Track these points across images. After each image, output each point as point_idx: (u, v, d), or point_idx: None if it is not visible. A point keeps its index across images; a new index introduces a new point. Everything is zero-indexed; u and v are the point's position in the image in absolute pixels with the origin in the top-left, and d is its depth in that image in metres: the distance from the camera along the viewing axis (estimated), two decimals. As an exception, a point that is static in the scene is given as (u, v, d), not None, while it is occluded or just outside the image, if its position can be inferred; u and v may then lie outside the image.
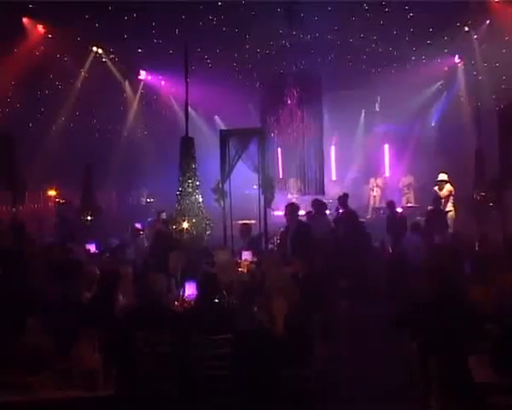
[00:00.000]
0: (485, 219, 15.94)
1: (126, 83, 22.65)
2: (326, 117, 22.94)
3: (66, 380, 6.24)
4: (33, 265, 10.48)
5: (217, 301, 8.78)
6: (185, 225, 12.39)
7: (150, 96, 23.84)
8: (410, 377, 7.03)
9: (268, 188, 15.16)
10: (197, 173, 13.30)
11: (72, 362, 6.32)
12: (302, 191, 22.50)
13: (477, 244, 12.31)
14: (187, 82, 13.94)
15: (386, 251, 14.98)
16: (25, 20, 16.62)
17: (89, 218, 17.84)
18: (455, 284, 7.63)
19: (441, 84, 23.43)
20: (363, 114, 25.57)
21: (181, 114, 19.73)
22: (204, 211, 13.19)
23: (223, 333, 7.81)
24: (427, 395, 6.52)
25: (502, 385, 5.73)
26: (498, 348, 6.01)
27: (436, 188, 18.24)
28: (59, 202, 21.58)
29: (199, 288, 8.90)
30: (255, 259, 12.68)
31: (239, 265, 12.35)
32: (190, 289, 9.75)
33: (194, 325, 8.10)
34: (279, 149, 23.35)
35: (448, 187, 18.26)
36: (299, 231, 12.90)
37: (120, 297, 9.00)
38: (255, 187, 16.43)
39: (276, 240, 14.91)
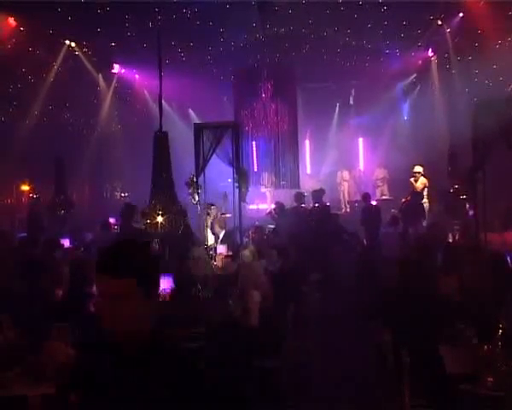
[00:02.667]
0: (459, 212, 16.08)
1: (100, 76, 22.50)
2: (300, 110, 23.00)
3: (38, 376, 6.19)
4: (4, 261, 10.40)
5: (192, 294, 8.77)
6: (159, 219, 12.33)
7: (124, 90, 23.72)
8: (382, 365, 7.07)
9: (242, 182, 15.16)
10: (171, 167, 13.24)
11: (45, 358, 6.28)
12: (276, 185, 22.56)
13: (451, 236, 12.43)
14: (161, 75, 13.86)
15: (360, 243, 15.04)
16: (-5, 12, 16.48)
17: (62, 212, 17.71)
18: (427, 274, 7.68)
19: (415, 78, 23.55)
20: (337, 107, 25.61)
21: (155, 108, 19.61)
22: (178, 205, 13.15)
23: (197, 326, 7.81)
24: (399, 383, 6.56)
25: (470, 375, 5.79)
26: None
27: (412, 179, 18.42)
28: (32, 196, 21.42)
29: (174, 282, 8.89)
30: (230, 252, 12.70)
31: (214, 258, 12.36)
32: (165, 283, 9.72)
33: (167, 318, 8.08)
34: (253, 143, 23.34)
35: (422, 180, 18.45)
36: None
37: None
38: (229, 181, 16.40)
39: (251, 234, 14.91)
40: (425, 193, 18.32)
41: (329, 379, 8.79)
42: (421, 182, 18.43)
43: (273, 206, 16.99)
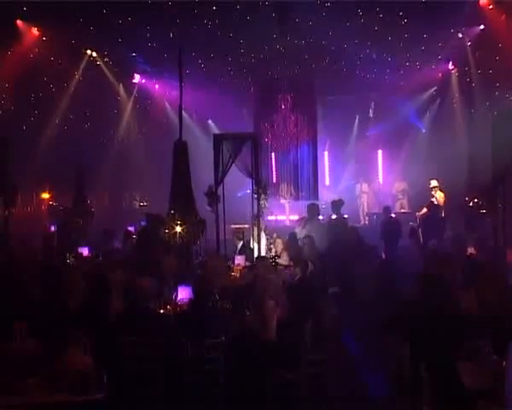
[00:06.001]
0: (478, 226, 15.98)
1: (120, 86, 22.64)
2: (320, 122, 23.01)
3: (56, 384, 6.22)
4: (23, 269, 10.46)
5: (209, 304, 8.78)
6: (178, 229, 12.35)
7: (144, 100, 23.84)
8: (401, 379, 7.04)
9: (261, 193, 15.15)
10: (190, 177, 13.25)
11: (63, 365, 6.31)
12: (294, 196, 22.59)
13: (469, 250, 12.35)
14: (181, 86, 13.91)
15: (379, 257, 14.98)
16: (19, 22, 16.62)
17: (81, 221, 17.76)
18: (446, 288, 7.63)
19: (435, 91, 23.47)
20: (356, 119, 25.55)
21: (175, 118, 19.72)
22: (197, 215, 13.16)
23: (215, 337, 7.82)
24: (418, 397, 6.52)
25: (488, 391, 5.74)
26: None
27: (433, 193, 18.34)
28: (52, 205, 21.50)
29: (193, 291, 8.92)
30: (248, 264, 12.70)
31: (232, 269, 12.37)
32: (183, 293, 9.74)
33: (185, 328, 8.10)
34: (272, 154, 23.38)
35: (440, 193, 18.36)
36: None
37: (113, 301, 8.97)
38: (248, 191, 16.42)
39: (269, 244, 14.90)
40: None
41: (347, 392, 8.76)
42: (439, 195, 18.34)
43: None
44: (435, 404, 6.29)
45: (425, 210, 17.81)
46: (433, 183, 18.71)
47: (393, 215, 18.61)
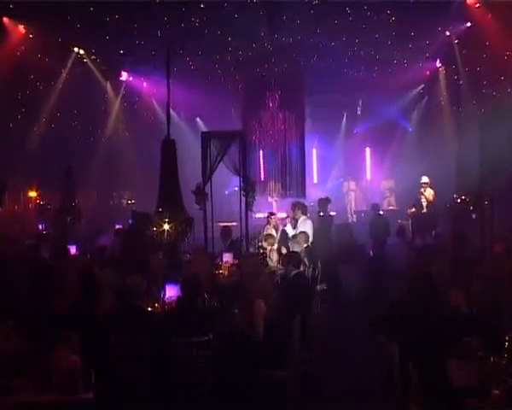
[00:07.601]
0: (465, 223, 16.04)
1: (108, 84, 22.54)
2: (308, 120, 23.02)
3: (43, 384, 6.19)
4: (12, 267, 10.40)
5: (198, 303, 8.76)
6: (166, 227, 12.34)
7: (132, 98, 23.76)
8: (389, 378, 7.05)
9: (249, 190, 15.16)
10: (178, 175, 13.25)
11: (50, 365, 6.28)
12: (282, 194, 22.60)
13: (457, 247, 12.39)
14: (169, 83, 13.90)
15: (366, 255, 15.02)
16: (5, 19, 16.52)
17: (69, 220, 17.69)
18: (434, 287, 7.66)
19: (422, 89, 23.54)
20: (344, 117, 25.60)
21: (162, 116, 19.68)
22: (185, 213, 13.14)
23: (203, 335, 7.81)
24: (406, 396, 6.53)
25: (477, 388, 5.75)
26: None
27: (422, 190, 18.38)
28: (39, 203, 21.40)
29: (181, 289, 8.89)
30: (236, 261, 12.69)
31: (220, 267, 12.34)
32: (171, 291, 9.72)
33: (173, 326, 8.08)
34: (260, 152, 23.38)
35: (430, 190, 18.40)
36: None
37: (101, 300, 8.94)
38: (236, 189, 16.42)
39: (257, 242, 14.88)
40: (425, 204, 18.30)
41: (335, 391, 8.77)
42: (429, 192, 18.39)
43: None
44: (423, 402, 6.30)
45: (414, 209, 17.91)
46: (424, 179, 18.74)
47: (381, 213, 18.66)
